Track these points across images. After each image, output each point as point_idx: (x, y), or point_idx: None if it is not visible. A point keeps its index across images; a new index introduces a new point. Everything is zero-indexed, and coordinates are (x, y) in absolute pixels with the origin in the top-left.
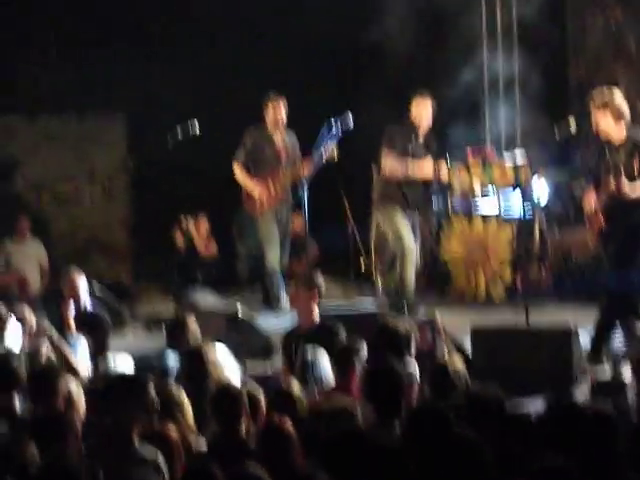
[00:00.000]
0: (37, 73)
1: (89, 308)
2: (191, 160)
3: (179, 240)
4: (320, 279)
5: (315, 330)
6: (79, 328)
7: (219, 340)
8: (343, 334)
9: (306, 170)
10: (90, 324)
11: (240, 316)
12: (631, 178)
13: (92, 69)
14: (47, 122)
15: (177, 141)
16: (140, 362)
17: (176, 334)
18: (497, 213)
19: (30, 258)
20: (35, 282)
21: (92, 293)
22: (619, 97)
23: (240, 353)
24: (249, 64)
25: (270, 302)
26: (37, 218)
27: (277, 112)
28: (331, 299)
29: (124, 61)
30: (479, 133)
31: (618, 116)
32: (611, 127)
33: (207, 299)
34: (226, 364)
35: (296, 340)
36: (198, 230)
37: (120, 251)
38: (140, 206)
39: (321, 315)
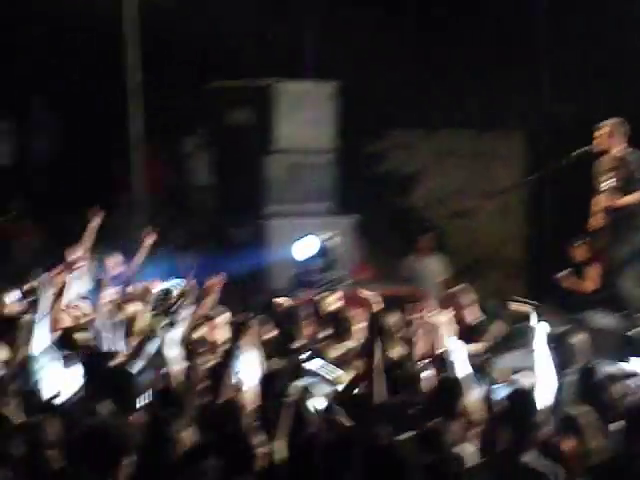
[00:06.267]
0: (437, 92)
1: None
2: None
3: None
4: None
5: None
6: None
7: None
8: None
9: None
10: None
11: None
12: None
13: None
14: (446, 137)
15: (571, 161)
16: None
17: None
18: None
19: (432, 274)
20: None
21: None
22: None
23: None
24: None
25: None
26: (435, 232)
27: None
28: None
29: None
30: None
31: None
32: None
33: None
34: None
35: None
36: None
37: (514, 267)
38: (535, 222)
39: None
